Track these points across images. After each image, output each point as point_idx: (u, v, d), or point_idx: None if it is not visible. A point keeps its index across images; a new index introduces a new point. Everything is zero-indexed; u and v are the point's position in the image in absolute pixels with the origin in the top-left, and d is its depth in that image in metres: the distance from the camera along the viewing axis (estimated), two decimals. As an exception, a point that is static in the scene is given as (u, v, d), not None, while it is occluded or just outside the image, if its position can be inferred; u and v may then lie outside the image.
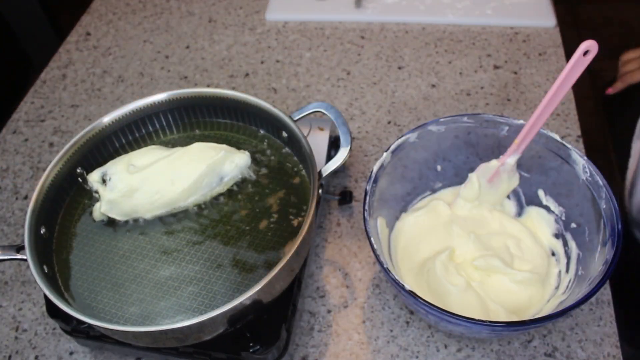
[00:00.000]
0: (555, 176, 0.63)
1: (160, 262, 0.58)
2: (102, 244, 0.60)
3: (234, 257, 0.58)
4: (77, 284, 0.57)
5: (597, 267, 0.55)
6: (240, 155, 0.63)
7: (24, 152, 0.87)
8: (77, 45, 1.05)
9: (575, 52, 0.53)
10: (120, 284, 0.57)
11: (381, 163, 0.61)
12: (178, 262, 0.58)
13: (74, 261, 0.59)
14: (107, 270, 0.58)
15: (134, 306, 0.55)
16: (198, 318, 0.47)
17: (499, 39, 0.98)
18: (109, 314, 0.55)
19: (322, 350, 0.62)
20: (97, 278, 0.57)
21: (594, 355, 0.60)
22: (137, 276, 0.57)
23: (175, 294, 0.55)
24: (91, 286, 0.57)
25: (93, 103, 0.94)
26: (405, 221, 0.67)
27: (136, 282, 0.57)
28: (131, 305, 0.55)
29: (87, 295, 0.56)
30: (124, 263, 0.58)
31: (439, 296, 0.59)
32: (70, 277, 0.58)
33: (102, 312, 0.55)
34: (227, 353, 0.56)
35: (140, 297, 0.55)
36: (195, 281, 0.56)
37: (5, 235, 0.77)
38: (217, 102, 0.68)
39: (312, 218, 0.54)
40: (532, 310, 0.60)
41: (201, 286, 0.56)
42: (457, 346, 0.62)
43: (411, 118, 0.86)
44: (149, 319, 0.54)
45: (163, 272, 0.57)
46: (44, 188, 0.59)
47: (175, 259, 0.58)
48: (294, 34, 1.03)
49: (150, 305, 0.55)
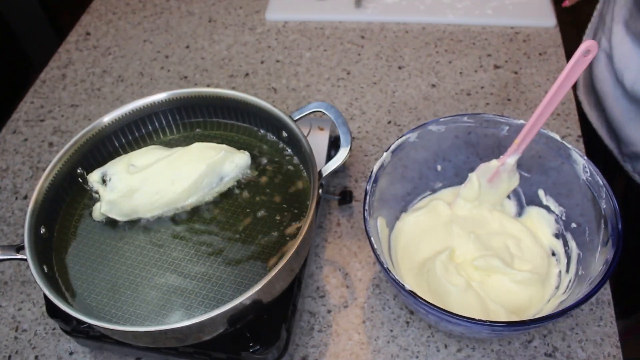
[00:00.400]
0: (556, 176, 0.63)
1: (160, 262, 0.58)
2: (101, 244, 0.60)
3: (234, 257, 0.58)
4: (76, 284, 0.57)
5: (597, 267, 0.55)
6: (240, 156, 0.63)
7: (24, 152, 0.87)
8: (77, 45, 1.05)
9: (576, 52, 0.52)
10: (120, 284, 0.57)
11: (381, 163, 0.61)
12: (178, 262, 0.58)
13: (74, 261, 0.59)
14: (107, 270, 0.58)
15: (134, 306, 0.55)
16: (198, 318, 0.47)
17: (499, 38, 0.98)
18: (108, 314, 0.55)
19: (322, 351, 0.62)
20: (97, 278, 0.57)
21: (595, 355, 0.60)
22: (136, 276, 0.57)
23: (175, 294, 0.55)
24: (91, 286, 0.57)
25: (93, 103, 0.94)
26: (406, 221, 0.67)
27: (136, 282, 0.57)
28: (131, 305, 0.55)
29: (87, 295, 0.56)
30: (123, 263, 0.58)
31: (439, 296, 0.59)
32: (70, 277, 0.58)
33: (102, 312, 0.55)
34: (227, 353, 0.56)
35: (140, 297, 0.55)
36: (195, 281, 0.56)
37: (4, 235, 0.77)
38: (217, 102, 0.68)
39: (312, 218, 0.54)
40: (533, 310, 0.59)
41: (201, 286, 0.56)
42: (457, 346, 0.62)
43: (411, 118, 0.86)
44: (148, 319, 0.54)
45: (163, 272, 0.57)
46: (44, 188, 0.59)
47: (175, 259, 0.58)
48: (294, 34, 1.02)
49: (150, 305, 0.55)
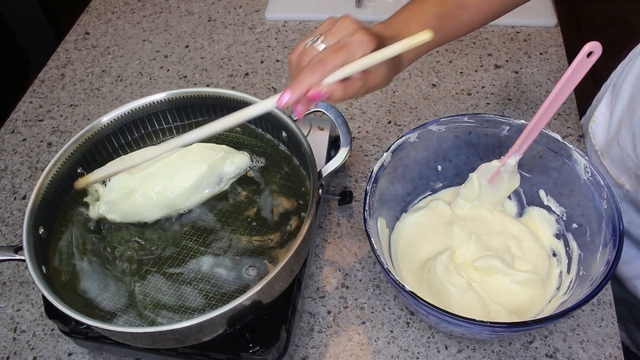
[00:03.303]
0: (557, 176, 0.63)
1: (159, 262, 0.58)
2: (100, 244, 0.60)
3: (234, 257, 0.57)
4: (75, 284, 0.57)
5: (598, 268, 0.54)
6: (240, 156, 0.63)
7: (23, 152, 0.87)
8: (76, 45, 1.05)
9: (579, 54, 0.51)
10: (119, 284, 0.56)
11: (381, 163, 0.61)
12: (178, 262, 0.58)
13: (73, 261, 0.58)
14: (106, 271, 0.58)
15: (133, 306, 0.55)
16: (197, 319, 0.47)
17: (500, 38, 0.98)
18: (107, 314, 0.54)
19: (322, 351, 0.62)
20: (96, 279, 0.57)
21: (596, 356, 0.60)
22: (136, 277, 0.57)
23: (175, 295, 0.55)
24: (90, 287, 0.56)
25: (92, 103, 0.94)
26: (406, 221, 0.67)
27: (135, 282, 0.56)
28: (130, 305, 0.55)
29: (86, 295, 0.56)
30: (123, 263, 0.58)
31: (440, 297, 0.59)
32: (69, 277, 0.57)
33: (101, 312, 0.54)
34: (227, 354, 0.56)
35: (139, 298, 0.55)
36: (195, 282, 0.56)
37: (3, 235, 0.76)
38: (216, 101, 0.68)
39: (312, 218, 0.53)
40: (533, 311, 0.59)
41: (201, 286, 0.55)
42: (457, 347, 0.61)
43: (411, 118, 0.86)
44: (147, 320, 0.54)
45: (162, 272, 0.57)
46: (43, 188, 0.59)
47: (175, 259, 0.58)
48: (294, 33, 1.02)
49: (149, 305, 0.54)
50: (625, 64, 0.75)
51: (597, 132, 0.76)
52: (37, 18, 2.09)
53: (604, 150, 0.75)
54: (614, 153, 0.72)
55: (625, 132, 0.69)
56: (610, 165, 0.73)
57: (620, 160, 0.71)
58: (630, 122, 0.68)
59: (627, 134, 0.69)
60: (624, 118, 0.71)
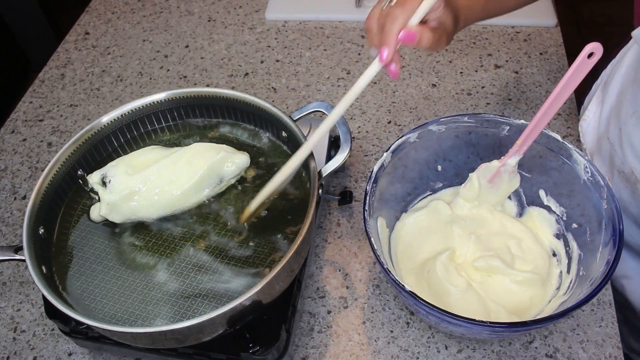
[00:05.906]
0: (557, 176, 0.63)
1: (159, 263, 0.58)
2: (100, 244, 0.60)
3: (234, 257, 0.57)
4: (75, 284, 0.57)
5: (598, 268, 0.54)
6: (240, 156, 0.63)
7: (23, 152, 0.87)
8: (76, 45, 1.05)
9: (580, 55, 0.51)
10: (119, 284, 0.56)
11: (381, 163, 0.61)
12: (178, 263, 0.58)
13: (73, 262, 0.58)
14: (106, 271, 0.58)
15: (133, 307, 0.55)
16: (197, 319, 0.47)
17: (500, 38, 0.98)
18: (107, 314, 0.54)
19: (322, 351, 0.62)
20: (96, 279, 0.57)
21: (596, 356, 0.60)
22: (136, 277, 0.57)
23: (174, 295, 0.55)
24: (90, 287, 0.56)
25: (92, 103, 0.94)
26: (406, 221, 0.67)
27: (135, 283, 0.56)
28: (130, 305, 0.55)
29: (86, 296, 0.56)
30: (122, 264, 0.58)
31: (440, 297, 0.59)
32: (69, 277, 0.57)
33: (101, 312, 0.54)
34: (227, 354, 0.56)
35: (139, 298, 0.55)
36: (194, 282, 0.56)
37: (3, 235, 0.76)
38: (216, 101, 0.68)
39: (312, 218, 0.53)
40: (533, 311, 0.59)
41: (200, 287, 0.55)
42: (457, 347, 0.61)
43: (411, 118, 0.86)
44: (147, 320, 0.54)
45: (162, 273, 0.57)
46: (43, 188, 0.59)
47: (175, 260, 0.58)
48: (294, 33, 1.02)
49: (150, 306, 0.54)
50: (615, 62, 0.75)
51: (587, 130, 0.76)
52: (37, 18, 2.09)
53: (594, 151, 0.75)
54: (604, 149, 0.72)
55: (614, 126, 0.70)
56: (601, 167, 0.73)
57: (610, 156, 0.71)
58: (618, 117, 0.69)
59: (615, 129, 0.69)
60: (612, 113, 0.71)
